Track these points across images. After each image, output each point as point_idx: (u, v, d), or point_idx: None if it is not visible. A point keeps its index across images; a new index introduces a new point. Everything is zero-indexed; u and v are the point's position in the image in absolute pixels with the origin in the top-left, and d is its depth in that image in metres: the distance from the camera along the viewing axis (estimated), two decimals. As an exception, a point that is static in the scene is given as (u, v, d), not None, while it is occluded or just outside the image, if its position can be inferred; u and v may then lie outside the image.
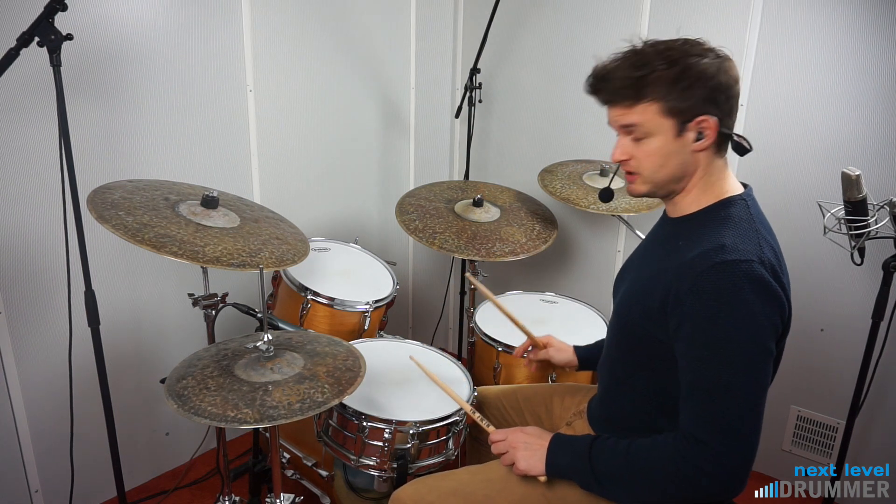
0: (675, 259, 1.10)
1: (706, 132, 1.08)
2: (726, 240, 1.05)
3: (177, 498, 2.09)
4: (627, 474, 1.12)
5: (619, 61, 1.08)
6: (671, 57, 1.04)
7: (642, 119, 1.08)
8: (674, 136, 1.08)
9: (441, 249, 2.05)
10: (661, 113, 1.06)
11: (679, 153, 1.10)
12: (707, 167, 1.12)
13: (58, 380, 1.81)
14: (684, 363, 1.08)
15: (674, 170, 1.11)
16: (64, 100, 1.40)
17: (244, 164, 2.23)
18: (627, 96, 1.07)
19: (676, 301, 1.06)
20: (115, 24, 1.80)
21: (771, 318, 1.04)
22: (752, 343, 1.02)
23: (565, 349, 1.59)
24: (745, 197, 1.14)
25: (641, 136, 1.10)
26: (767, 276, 1.03)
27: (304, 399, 1.22)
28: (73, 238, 1.49)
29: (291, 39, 2.27)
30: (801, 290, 2.06)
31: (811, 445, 2.17)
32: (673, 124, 1.07)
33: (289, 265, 1.60)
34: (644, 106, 1.07)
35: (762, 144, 2.08)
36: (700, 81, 1.04)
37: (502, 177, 2.75)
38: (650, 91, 1.05)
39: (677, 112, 1.06)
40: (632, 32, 2.26)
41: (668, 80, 1.04)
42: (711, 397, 1.04)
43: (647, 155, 1.11)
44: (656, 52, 1.05)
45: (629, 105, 1.08)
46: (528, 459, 1.22)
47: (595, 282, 2.59)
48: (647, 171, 1.13)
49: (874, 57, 1.84)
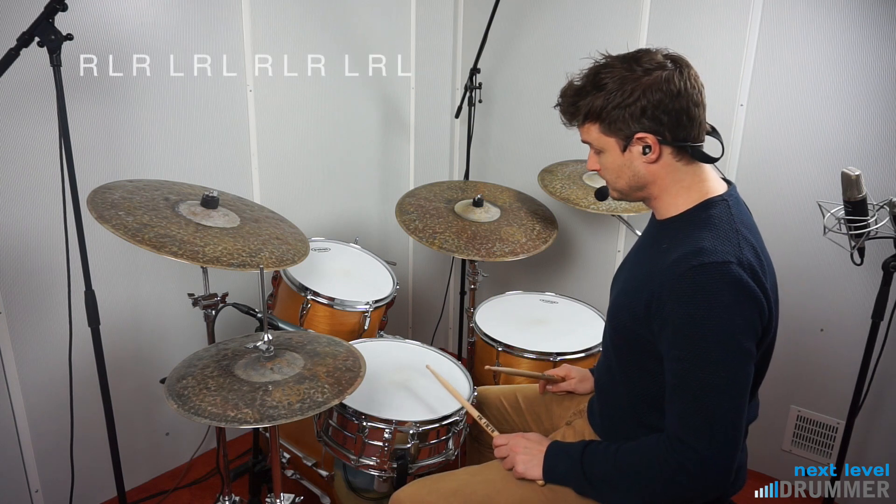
0: (659, 262, 1.12)
1: (650, 147, 1.12)
2: (705, 242, 1.07)
3: (177, 498, 2.09)
4: (617, 477, 1.16)
5: (568, 87, 1.17)
6: (600, 82, 1.10)
7: (590, 138, 1.17)
8: (620, 151, 1.14)
9: (441, 249, 2.05)
10: (601, 132, 1.14)
11: (629, 166, 1.15)
12: (673, 174, 1.14)
13: (58, 380, 1.81)
14: (667, 365, 1.10)
15: (629, 180, 1.17)
16: (64, 100, 1.40)
17: (244, 164, 2.23)
18: (572, 119, 1.18)
19: (658, 304, 1.09)
20: (115, 24, 1.80)
21: (749, 319, 1.05)
22: (730, 343, 1.04)
23: (587, 378, 1.55)
24: (727, 197, 1.15)
25: (597, 151, 1.19)
26: (745, 276, 1.04)
27: (304, 399, 1.22)
28: (73, 238, 1.49)
29: (291, 39, 2.27)
30: (801, 290, 2.07)
31: (811, 445, 2.17)
32: (615, 141, 1.14)
33: (289, 265, 1.60)
34: (587, 126, 1.16)
35: (762, 144, 2.08)
36: (630, 104, 1.08)
37: (502, 177, 2.75)
38: (588, 115, 1.14)
39: (615, 131, 1.12)
40: (632, 33, 2.26)
41: (599, 105, 1.11)
42: (692, 398, 1.06)
43: (605, 167, 1.20)
44: (593, 75, 1.13)
45: (578, 126, 1.18)
46: (526, 464, 1.26)
47: (595, 282, 2.59)
48: (609, 181, 1.22)
49: (874, 57, 1.83)
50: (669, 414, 1.10)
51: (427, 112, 2.88)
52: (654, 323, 1.11)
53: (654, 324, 1.11)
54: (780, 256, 1.22)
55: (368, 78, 2.60)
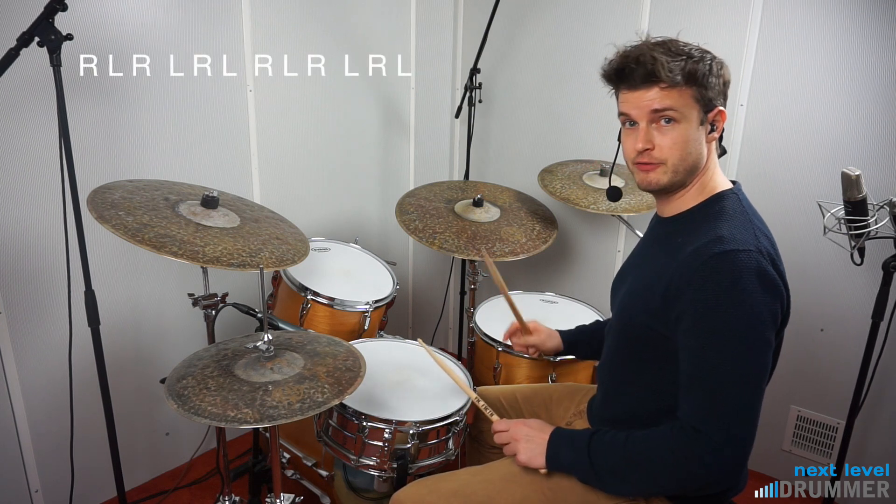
0: (675, 255, 1.11)
1: (717, 124, 1.13)
2: (723, 231, 1.07)
3: (177, 498, 2.09)
4: (625, 467, 1.14)
5: (652, 47, 1.09)
6: (693, 51, 1.09)
7: (678, 103, 1.09)
8: (698, 124, 1.11)
9: (441, 249, 2.05)
10: (693, 99, 1.09)
11: (699, 141, 1.13)
12: (712, 159, 1.17)
13: (58, 380, 1.81)
14: (684, 355, 1.09)
15: (696, 158, 1.13)
16: (64, 100, 1.40)
17: (244, 164, 2.23)
18: (669, 79, 1.07)
19: (677, 293, 1.08)
20: (115, 24, 1.80)
21: (770, 308, 1.04)
22: (752, 332, 1.03)
23: (554, 335, 1.62)
24: (736, 191, 1.17)
25: (672, 120, 1.10)
26: (766, 264, 1.04)
27: (304, 399, 1.22)
28: (73, 238, 1.49)
29: (291, 39, 2.27)
30: (801, 290, 2.06)
31: (811, 445, 2.17)
32: (698, 112, 1.10)
33: (289, 265, 1.60)
34: (681, 90, 1.08)
35: (762, 144, 2.08)
36: (719, 76, 1.10)
37: (502, 177, 2.75)
38: (689, 76, 1.08)
39: (705, 101, 1.10)
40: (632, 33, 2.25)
41: (702, 69, 1.08)
42: (711, 388, 1.05)
43: (673, 142, 1.11)
44: (682, 45, 1.10)
45: (668, 87, 1.08)
46: (528, 452, 1.24)
47: (595, 282, 2.59)
48: (674, 159, 1.12)
49: (874, 57, 1.83)
50: (684, 403, 1.09)
51: (427, 112, 2.88)
52: (672, 314, 1.09)
53: (670, 315, 1.10)
54: (780, 256, 1.22)
55: (368, 78, 2.60)
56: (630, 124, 1.15)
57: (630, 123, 1.15)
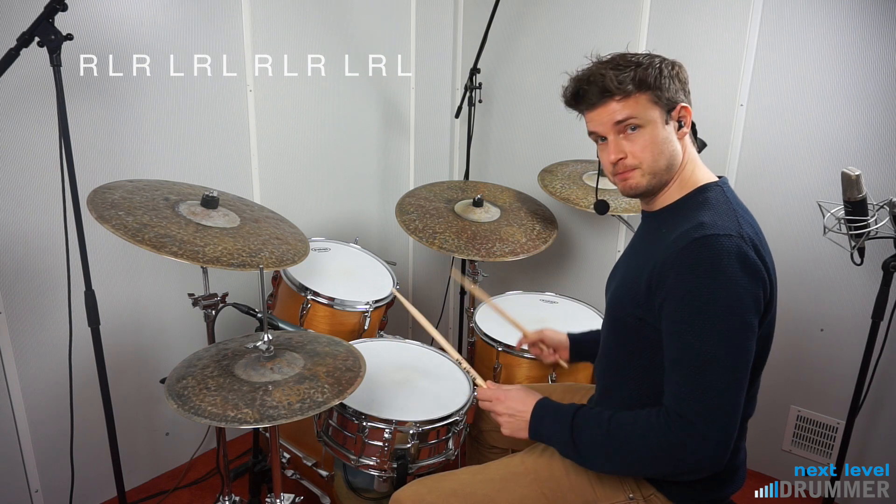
0: (658, 244, 1.13)
1: (684, 119, 1.16)
2: (705, 218, 1.09)
3: (177, 498, 2.09)
4: (608, 445, 1.15)
5: (600, 66, 1.15)
6: (640, 58, 1.13)
7: (637, 110, 1.13)
8: (663, 123, 1.14)
9: (441, 249, 2.05)
10: (650, 102, 1.13)
11: (670, 140, 1.16)
12: (690, 152, 1.20)
13: (58, 380, 1.81)
14: (667, 340, 1.10)
15: (669, 156, 1.16)
16: (64, 100, 1.40)
17: (244, 164, 2.23)
18: (620, 90, 1.12)
19: (660, 280, 1.09)
20: (115, 24, 1.80)
21: (752, 292, 1.05)
22: (732, 315, 1.03)
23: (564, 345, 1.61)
24: (721, 185, 1.19)
25: (637, 127, 1.14)
26: (747, 249, 1.05)
27: (304, 399, 1.22)
28: (73, 238, 1.49)
29: (291, 39, 2.27)
30: (801, 290, 2.07)
31: (811, 445, 2.17)
32: (660, 113, 1.14)
33: (289, 265, 1.60)
34: (636, 98, 1.12)
35: (762, 144, 2.08)
36: (671, 76, 1.14)
37: (502, 177, 2.75)
38: (640, 83, 1.11)
39: (664, 101, 1.13)
40: (632, 33, 2.26)
41: (652, 74, 1.12)
42: (693, 372, 1.05)
43: (643, 146, 1.14)
44: (629, 56, 1.14)
45: (622, 99, 1.13)
46: (511, 425, 1.27)
47: (595, 282, 2.59)
48: (648, 162, 1.15)
49: (874, 57, 1.83)
50: (668, 389, 1.10)
51: (427, 112, 2.88)
52: (656, 301, 1.10)
53: (655, 302, 1.11)
54: (780, 256, 1.22)
55: (368, 78, 2.60)
56: (601, 140, 1.20)
57: (600, 139, 1.20)
